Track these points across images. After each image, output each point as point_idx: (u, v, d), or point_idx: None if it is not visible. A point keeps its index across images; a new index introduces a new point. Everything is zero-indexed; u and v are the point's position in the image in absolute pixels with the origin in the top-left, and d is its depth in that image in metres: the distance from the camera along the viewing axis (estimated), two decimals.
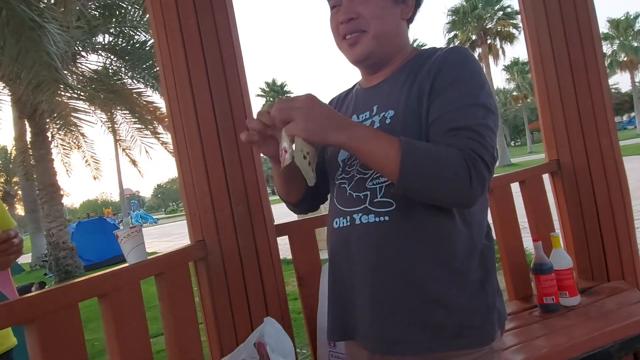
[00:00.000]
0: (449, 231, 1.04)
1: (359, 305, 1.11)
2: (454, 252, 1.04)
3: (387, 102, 1.12)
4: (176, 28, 1.74)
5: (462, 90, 1.02)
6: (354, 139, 0.95)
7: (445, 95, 1.02)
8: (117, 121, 13.19)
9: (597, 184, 2.19)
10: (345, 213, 1.12)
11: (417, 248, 1.03)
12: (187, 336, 1.58)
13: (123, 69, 12.22)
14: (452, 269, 1.03)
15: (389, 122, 1.08)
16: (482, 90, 1.03)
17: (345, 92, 1.34)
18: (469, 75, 1.04)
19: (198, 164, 1.75)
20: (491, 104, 1.03)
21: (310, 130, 0.93)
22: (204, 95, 1.75)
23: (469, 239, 1.05)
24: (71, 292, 1.23)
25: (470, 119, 0.99)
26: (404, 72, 1.12)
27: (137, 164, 14.37)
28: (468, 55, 1.07)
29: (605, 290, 2.08)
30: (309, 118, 0.93)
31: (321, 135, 0.94)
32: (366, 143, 0.96)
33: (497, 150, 1.06)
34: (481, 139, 0.97)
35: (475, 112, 1.00)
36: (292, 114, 0.94)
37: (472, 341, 1.03)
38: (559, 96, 2.21)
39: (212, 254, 1.75)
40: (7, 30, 8.45)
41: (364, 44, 1.13)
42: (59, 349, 1.15)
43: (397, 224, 1.04)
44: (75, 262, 12.12)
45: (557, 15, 2.17)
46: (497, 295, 1.09)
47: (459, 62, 1.05)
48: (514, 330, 1.90)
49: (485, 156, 0.96)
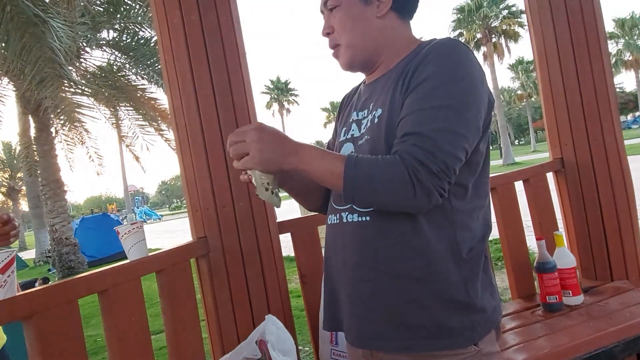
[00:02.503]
0: (428, 232, 1.02)
1: (343, 299, 1.13)
2: (432, 254, 1.02)
3: (379, 100, 1.11)
4: (179, 24, 1.74)
5: (429, 89, 0.99)
6: (303, 162, 0.98)
7: (413, 95, 1.00)
8: (121, 117, 13.21)
9: (601, 183, 2.17)
10: (337, 211, 1.16)
11: (395, 248, 1.04)
12: (188, 333, 1.58)
13: (127, 65, 12.22)
14: (432, 270, 1.02)
15: (377, 122, 1.09)
16: (455, 88, 0.98)
17: (355, 87, 1.34)
18: (445, 71, 0.99)
19: (200, 160, 1.74)
20: (465, 102, 0.98)
21: (265, 161, 0.97)
22: (206, 91, 1.75)
23: (451, 240, 1.03)
24: (71, 289, 1.23)
25: (424, 124, 0.96)
26: (398, 69, 1.10)
27: (141, 161, 14.41)
28: (453, 48, 1.02)
29: (608, 290, 2.07)
30: (261, 150, 0.96)
31: (276, 164, 0.97)
32: (312, 163, 0.98)
33: (477, 152, 1.03)
34: (431, 146, 0.93)
35: (434, 116, 0.96)
36: (244, 148, 0.97)
37: (451, 342, 1.02)
38: (563, 94, 2.19)
39: (213, 250, 1.75)
40: (12, 26, 8.47)
41: (342, 57, 1.18)
42: (58, 345, 1.15)
43: (377, 224, 1.05)
44: (79, 258, 12.16)
45: (563, 12, 2.15)
46: (485, 297, 1.06)
47: (439, 57, 1.02)
48: (516, 330, 1.89)
49: (432, 164, 0.93)
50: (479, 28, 37.80)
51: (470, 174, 1.05)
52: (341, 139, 1.21)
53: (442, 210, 1.02)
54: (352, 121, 1.19)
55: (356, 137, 1.15)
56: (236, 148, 0.98)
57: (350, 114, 1.22)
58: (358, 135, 1.15)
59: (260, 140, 0.96)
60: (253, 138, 0.96)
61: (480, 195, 1.10)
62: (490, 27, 37.78)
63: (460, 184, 1.02)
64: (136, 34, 11.67)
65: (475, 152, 1.03)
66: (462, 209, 1.05)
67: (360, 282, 1.08)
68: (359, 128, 1.16)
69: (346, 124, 1.22)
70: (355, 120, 1.18)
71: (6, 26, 8.48)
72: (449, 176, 0.96)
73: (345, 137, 1.19)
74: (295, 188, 1.25)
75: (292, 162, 0.97)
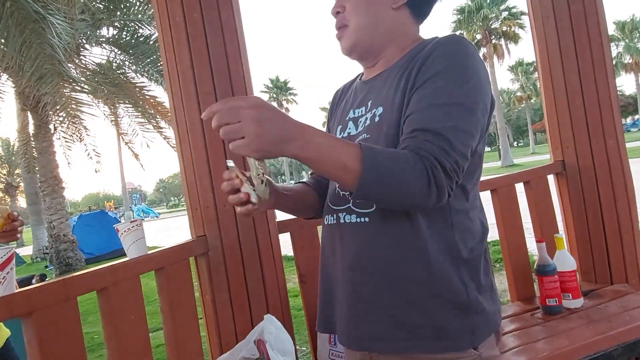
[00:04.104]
0: (427, 233, 1.01)
1: (339, 301, 1.12)
2: (432, 255, 1.00)
3: (379, 97, 1.09)
4: (181, 21, 1.73)
5: (439, 87, 0.96)
6: (308, 150, 0.85)
7: (421, 91, 0.98)
8: (120, 115, 13.19)
9: (602, 186, 2.17)
10: (334, 211, 1.13)
11: (395, 250, 1.02)
12: (187, 331, 1.57)
13: (127, 63, 12.20)
14: (431, 272, 1.00)
15: (377, 120, 1.06)
16: (464, 86, 0.96)
17: (348, 83, 1.32)
18: (454, 69, 0.97)
19: (200, 158, 1.74)
20: (474, 101, 0.96)
21: (263, 150, 0.82)
22: (207, 89, 1.74)
23: (450, 241, 1.02)
24: (70, 286, 1.22)
25: (436, 121, 0.93)
26: (399, 66, 1.08)
27: (139, 158, 14.37)
28: (460, 46, 1.00)
29: (608, 293, 2.07)
30: (260, 135, 0.81)
31: (275, 152, 0.83)
32: (321, 153, 0.86)
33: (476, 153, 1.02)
34: (445, 144, 0.91)
35: (445, 113, 0.94)
36: (238, 131, 0.81)
37: (448, 345, 1.00)
38: (565, 96, 2.19)
39: (213, 249, 1.74)
40: (11, 22, 8.45)
41: (346, 38, 1.15)
42: (56, 343, 1.14)
43: (376, 225, 1.03)
44: (76, 255, 12.15)
45: (566, 14, 2.15)
46: (486, 300, 1.05)
47: (446, 54, 0.99)
48: (515, 332, 1.88)
49: (446, 162, 0.90)
50: (479, 29, 37.86)
51: (468, 175, 1.03)
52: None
53: (441, 211, 1.01)
54: (349, 119, 1.17)
55: (353, 136, 1.13)
56: (228, 131, 0.82)
57: (346, 112, 1.20)
58: (355, 134, 1.12)
59: (259, 121, 0.80)
60: (250, 118, 0.80)
61: (475, 196, 1.09)
62: (490, 29, 37.85)
63: (458, 185, 1.00)
64: (136, 31, 11.65)
65: (474, 154, 1.02)
66: (460, 209, 1.04)
67: (358, 284, 1.06)
68: (355, 126, 1.13)
69: (342, 122, 1.20)
70: (352, 118, 1.16)
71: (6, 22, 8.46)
72: (458, 175, 0.94)
73: (341, 135, 1.17)
74: (283, 207, 1.20)
75: (295, 150, 0.84)
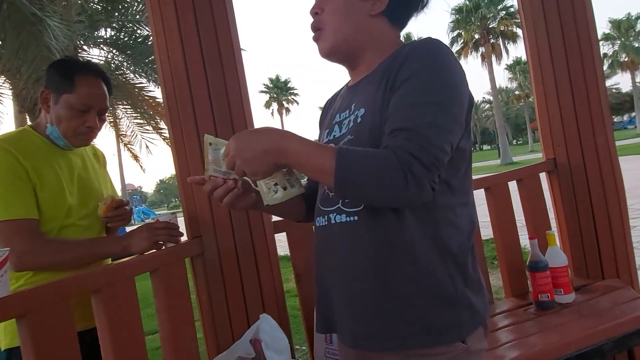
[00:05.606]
0: (414, 230, 1.03)
1: (336, 300, 1.14)
2: (419, 251, 1.03)
3: (361, 100, 1.12)
4: (174, 23, 1.74)
5: (415, 86, 0.99)
6: (289, 158, 0.99)
7: (398, 93, 1.01)
8: (119, 116, 13.16)
9: (593, 183, 2.20)
10: (324, 212, 1.15)
11: (384, 247, 1.04)
12: (183, 333, 1.58)
13: (125, 64, 12.19)
14: (420, 267, 1.03)
15: (359, 121, 1.09)
16: (439, 84, 0.99)
17: (337, 92, 1.35)
18: (429, 68, 1.00)
19: (195, 159, 1.75)
20: (449, 98, 0.99)
21: (256, 170, 0.99)
22: (201, 90, 1.75)
23: (436, 237, 1.04)
24: (65, 287, 1.23)
25: (413, 120, 0.96)
26: (381, 70, 1.11)
27: (139, 160, 14.35)
28: (434, 46, 1.03)
29: (599, 288, 2.09)
30: (246, 160, 0.98)
31: (268, 167, 0.99)
32: (300, 158, 0.99)
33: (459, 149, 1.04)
34: (422, 140, 0.94)
35: (421, 111, 0.97)
36: (239, 167, 1.00)
37: (439, 339, 1.03)
38: (555, 95, 2.21)
39: (208, 250, 1.75)
40: (8, 25, 8.43)
41: (322, 41, 1.17)
42: (51, 344, 1.16)
43: (365, 223, 1.06)
44: None
45: (555, 13, 2.17)
46: (473, 294, 1.07)
47: (421, 56, 1.02)
48: (508, 327, 1.91)
49: (424, 158, 0.93)
50: (477, 29, 37.87)
51: (452, 170, 1.05)
52: (324, 141, 1.21)
53: (426, 207, 1.03)
54: (335, 123, 1.20)
55: (337, 138, 1.15)
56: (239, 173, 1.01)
57: (333, 116, 1.23)
58: (339, 136, 1.15)
59: (239, 151, 0.98)
60: (233, 152, 0.99)
61: (463, 192, 1.10)
62: (488, 28, 37.85)
63: (443, 181, 1.02)
64: (134, 32, 11.62)
65: (457, 149, 1.04)
66: (445, 205, 1.06)
67: (351, 282, 1.08)
68: (340, 128, 1.16)
69: (328, 126, 1.23)
70: (337, 122, 1.19)
71: (2, 25, 8.44)
72: (439, 169, 0.97)
73: (327, 138, 1.20)
74: (274, 211, 1.29)
75: (278, 159, 0.99)
